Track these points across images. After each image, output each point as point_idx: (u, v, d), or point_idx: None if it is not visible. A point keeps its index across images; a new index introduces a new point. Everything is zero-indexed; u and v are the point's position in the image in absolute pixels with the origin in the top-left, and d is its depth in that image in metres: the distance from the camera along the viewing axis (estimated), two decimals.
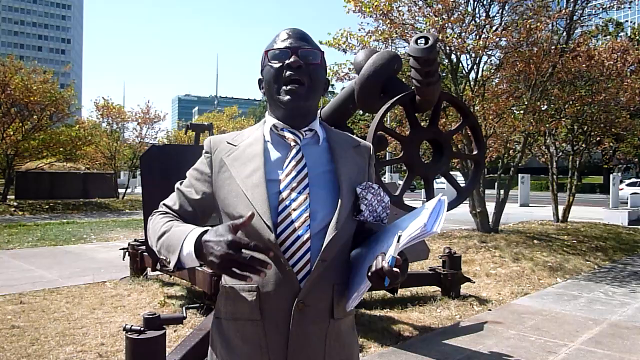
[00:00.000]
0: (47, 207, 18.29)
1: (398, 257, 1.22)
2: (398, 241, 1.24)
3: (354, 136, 1.60)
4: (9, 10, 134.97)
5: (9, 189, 19.59)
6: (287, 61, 1.39)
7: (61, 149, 20.05)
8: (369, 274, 1.25)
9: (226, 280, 1.44)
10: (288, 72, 1.39)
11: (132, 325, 3.04)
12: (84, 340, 4.31)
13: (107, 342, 4.26)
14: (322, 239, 1.33)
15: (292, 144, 1.42)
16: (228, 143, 1.47)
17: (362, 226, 1.47)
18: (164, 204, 1.53)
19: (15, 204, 18.38)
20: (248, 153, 1.42)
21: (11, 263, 8.00)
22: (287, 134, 1.43)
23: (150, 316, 3.09)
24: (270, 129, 1.45)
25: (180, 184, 1.53)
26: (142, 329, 3.04)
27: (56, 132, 20.24)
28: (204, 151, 1.50)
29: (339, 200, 1.37)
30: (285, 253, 1.32)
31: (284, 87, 1.40)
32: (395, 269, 1.20)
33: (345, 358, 1.44)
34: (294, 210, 1.34)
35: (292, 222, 1.33)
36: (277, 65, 1.41)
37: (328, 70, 10.16)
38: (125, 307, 5.38)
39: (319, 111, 4.13)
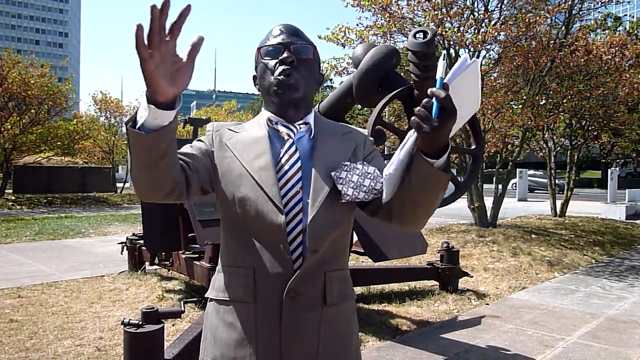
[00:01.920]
0: (45, 201, 18.27)
1: (446, 83, 1.13)
2: (444, 59, 1.14)
3: (351, 126, 1.57)
4: (5, 3, 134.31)
5: (7, 183, 19.55)
6: (279, 57, 1.41)
7: (59, 143, 20.01)
8: (415, 118, 1.15)
9: (221, 261, 1.44)
10: (281, 68, 1.40)
11: (130, 319, 3.05)
12: (82, 334, 4.32)
13: (105, 336, 4.27)
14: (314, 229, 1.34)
15: (286, 137, 1.42)
16: (229, 129, 1.47)
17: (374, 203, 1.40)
18: None
19: (13, 198, 18.35)
20: (251, 137, 1.43)
21: (9, 257, 7.99)
22: (281, 128, 1.43)
23: (149, 310, 3.09)
24: (266, 122, 1.45)
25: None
26: (141, 322, 3.04)
27: (54, 126, 20.18)
28: (206, 131, 1.49)
29: (311, 185, 1.35)
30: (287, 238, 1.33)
31: (277, 79, 1.40)
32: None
33: (342, 345, 1.42)
34: (289, 201, 1.34)
35: (289, 212, 1.33)
36: (270, 61, 1.42)
37: (327, 65, 10.24)
38: (123, 301, 5.38)
39: (317, 106, 4.13)
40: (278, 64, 1.41)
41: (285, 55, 1.40)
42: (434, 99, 1.13)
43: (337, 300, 1.40)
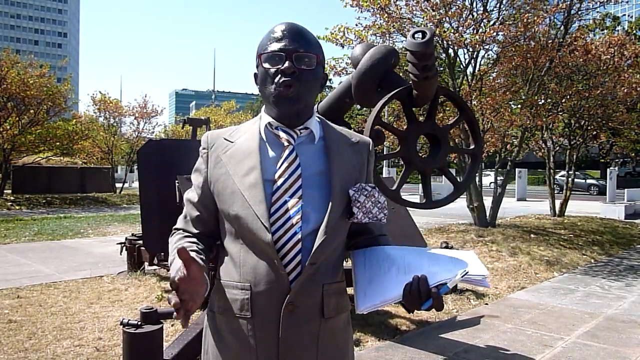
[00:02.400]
0: (44, 201, 18.26)
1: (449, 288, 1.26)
2: (463, 276, 1.26)
3: (353, 132, 1.57)
4: (5, 3, 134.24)
5: (6, 184, 19.53)
6: (281, 67, 1.36)
7: (58, 143, 20.00)
8: (410, 291, 1.26)
9: (220, 275, 1.45)
10: (282, 79, 1.36)
11: (129, 320, 3.05)
12: (82, 335, 4.32)
13: (104, 337, 4.27)
14: (314, 242, 1.33)
15: (286, 144, 1.40)
16: (225, 139, 1.46)
17: (362, 225, 1.46)
18: (180, 219, 1.54)
19: (12, 198, 18.34)
20: (244, 150, 1.41)
21: (8, 257, 7.99)
22: (281, 134, 1.41)
23: (148, 310, 3.09)
24: (265, 126, 1.44)
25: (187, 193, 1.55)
26: (140, 323, 3.04)
27: (53, 126, 20.17)
28: (201, 147, 1.49)
29: (329, 204, 1.35)
30: (278, 254, 1.32)
31: (277, 91, 1.37)
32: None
33: (339, 355, 1.44)
34: (287, 211, 1.33)
35: (285, 223, 1.32)
36: (270, 69, 1.38)
37: (326, 65, 10.22)
38: (122, 302, 5.38)
39: (316, 106, 4.12)
40: (279, 74, 1.37)
41: (286, 65, 1.35)
42: (430, 299, 1.25)
43: (333, 313, 1.40)
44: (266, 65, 1.39)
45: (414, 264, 1.34)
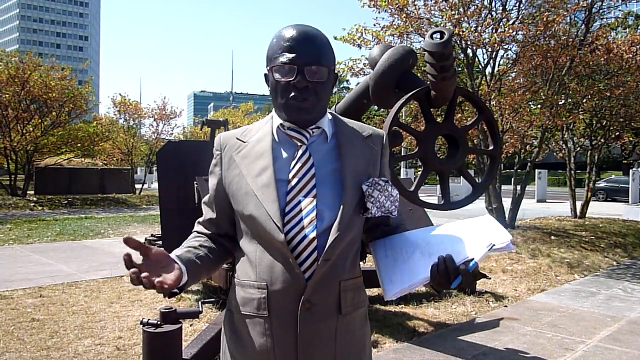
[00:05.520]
0: (65, 202, 18.55)
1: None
2: (490, 249, 1.27)
3: (366, 125, 1.55)
4: (27, 8, 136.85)
5: (29, 185, 19.89)
6: (292, 81, 1.35)
7: (79, 144, 20.32)
8: (437, 271, 1.27)
9: (237, 275, 1.46)
10: (293, 93, 1.36)
11: (149, 319, 3.08)
12: (102, 334, 4.38)
13: (124, 336, 4.32)
14: (328, 239, 1.33)
15: (299, 144, 1.41)
16: (237, 139, 1.47)
17: (379, 218, 1.46)
18: (197, 221, 1.57)
19: (34, 199, 18.66)
20: (257, 150, 1.42)
21: (31, 257, 8.13)
22: (294, 134, 1.41)
23: (167, 310, 3.12)
24: (278, 127, 1.44)
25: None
26: (159, 322, 3.07)
27: (74, 128, 20.51)
28: (214, 149, 1.50)
29: (342, 201, 1.36)
30: (293, 253, 1.33)
31: (288, 102, 1.37)
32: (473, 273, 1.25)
33: (357, 351, 1.44)
34: (301, 211, 1.34)
35: (300, 222, 1.33)
36: (281, 80, 1.37)
37: (343, 66, 10.24)
38: (142, 301, 5.44)
39: (333, 107, 4.13)
40: (291, 88, 1.36)
41: (298, 79, 1.34)
42: (459, 275, 1.27)
43: (350, 309, 1.41)
44: (277, 76, 1.37)
45: (436, 245, 1.35)
